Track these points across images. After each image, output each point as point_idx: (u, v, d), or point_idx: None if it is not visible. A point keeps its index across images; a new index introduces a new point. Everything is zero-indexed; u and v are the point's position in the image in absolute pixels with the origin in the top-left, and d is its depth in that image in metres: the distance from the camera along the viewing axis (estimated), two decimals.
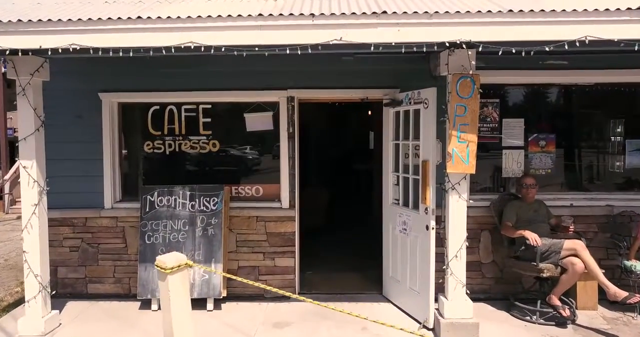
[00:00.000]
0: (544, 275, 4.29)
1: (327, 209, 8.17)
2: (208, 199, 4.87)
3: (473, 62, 3.81)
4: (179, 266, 3.38)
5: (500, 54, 3.58)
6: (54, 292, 4.49)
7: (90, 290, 5.22)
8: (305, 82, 5.06)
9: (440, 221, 4.28)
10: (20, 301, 5.11)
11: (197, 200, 4.88)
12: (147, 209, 4.90)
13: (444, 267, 4.17)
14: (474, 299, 4.28)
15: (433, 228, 4.20)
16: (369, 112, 10.59)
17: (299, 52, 3.63)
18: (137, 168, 5.42)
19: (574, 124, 5.30)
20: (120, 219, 5.17)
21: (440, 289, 4.31)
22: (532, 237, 4.29)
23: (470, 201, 4.21)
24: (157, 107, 5.28)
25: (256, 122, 5.22)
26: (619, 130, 5.22)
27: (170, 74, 5.08)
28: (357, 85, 5.05)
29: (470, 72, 3.85)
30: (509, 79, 5.04)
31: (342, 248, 6.96)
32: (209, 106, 5.26)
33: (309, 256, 5.79)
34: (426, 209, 4.25)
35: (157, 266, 3.37)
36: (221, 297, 4.77)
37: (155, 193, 4.92)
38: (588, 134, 5.32)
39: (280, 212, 5.13)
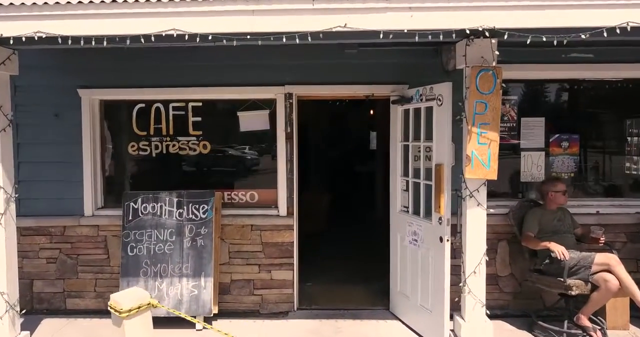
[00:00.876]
0: (573, 293, 3.82)
1: (327, 213, 7.71)
2: (197, 206, 4.41)
3: (496, 53, 3.35)
4: (139, 307, 2.70)
5: (528, 43, 3.12)
6: (24, 311, 4.04)
7: (69, 305, 4.75)
8: (304, 78, 4.60)
9: (456, 231, 3.83)
10: None
11: (185, 207, 4.42)
12: (130, 218, 4.44)
13: (461, 284, 3.71)
14: (491, 316, 3.82)
15: (448, 240, 3.75)
16: (371, 112, 10.17)
17: (297, 41, 3.17)
18: (121, 172, 4.96)
19: (599, 124, 4.83)
20: (102, 228, 4.71)
21: (455, 306, 3.85)
22: (559, 250, 3.83)
23: (488, 209, 3.75)
24: (143, 105, 4.81)
25: (251, 121, 4.76)
26: None
27: (157, 68, 4.63)
28: (361, 80, 4.59)
29: (493, 65, 3.39)
30: (529, 74, 4.58)
31: (344, 256, 6.49)
32: (199, 104, 4.80)
33: (308, 264, 5.33)
34: (440, 218, 3.79)
35: (111, 307, 2.70)
36: (212, 314, 4.31)
37: (139, 200, 4.46)
38: (615, 134, 4.84)
39: (278, 220, 4.67)
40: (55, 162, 4.71)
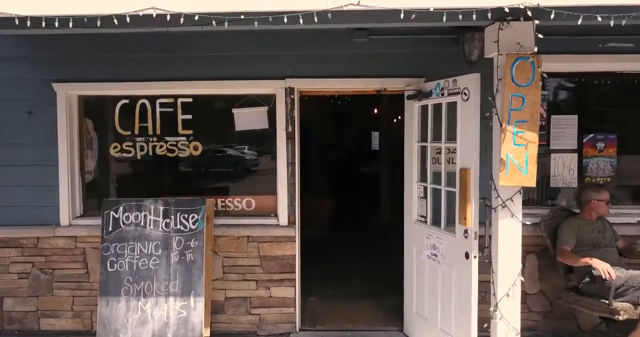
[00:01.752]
0: (620, 317, 3.30)
1: (330, 219, 7.19)
2: (186, 215, 3.89)
3: (540, 35, 2.81)
4: None
5: (579, 23, 2.60)
6: None
7: (43, 326, 4.22)
8: (307, 70, 4.08)
9: (484, 246, 3.30)
10: None
11: (172, 217, 3.89)
12: (110, 229, 3.91)
13: (491, 308, 3.18)
14: None
15: (475, 257, 3.23)
16: (376, 110, 9.64)
17: (301, 22, 2.65)
18: (102, 176, 4.43)
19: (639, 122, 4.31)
20: (80, 239, 4.18)
21: (480, 328, 3.33)
22: (603, 269, 3.31)
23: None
24: (126, 100, 4.28)
25: (247, 119, 4.24)
26: None
27: (142, 60, 4.11)
28: (372, 73, 4.07)
29: (535, 51, 2.86)
30: (560, 66, 4.02)
31: (349, 267, 5.96)
32: (190, 100, 4.27)
33: (310, 276, 4.82)
34: (466, 231, 3.27)
35: None
36: None
37: (121, 208, 3.93)
38: None
39: (277, 230, 4.14)
40: (27, 166, 4.19)
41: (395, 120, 8.32)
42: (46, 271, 4.20)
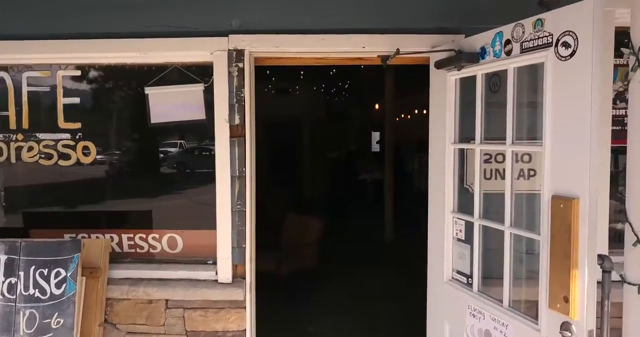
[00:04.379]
0: None
1: (318, 244, 5.41)
2: (46, 270, 2.21)
3: None
4: None
5: None
6: None
7: None
8: (265, 20, 2.42)
9: None
10: None
11: (21, 273, 2.22)
12: None
13: None
14: None
15: None
16: (377, 107, 7.96)
17: None
18: None
19: None
20: None
21: None
22: None
23: None
24: None
25: (170, 105, 2.60)
26: None
27: None
28: (375, 25, 2.41)
29: None
30: None
31: (344, 319, 4.23)
32: (77, 73, 2.62)
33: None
34: (567, 327, 1.59)
35: None
36: None
37: None
38: None
39: (215, 291, 2.46)
40: None
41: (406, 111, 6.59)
42: None
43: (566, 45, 1.61)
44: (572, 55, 1.59)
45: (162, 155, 2.71)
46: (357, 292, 4.66)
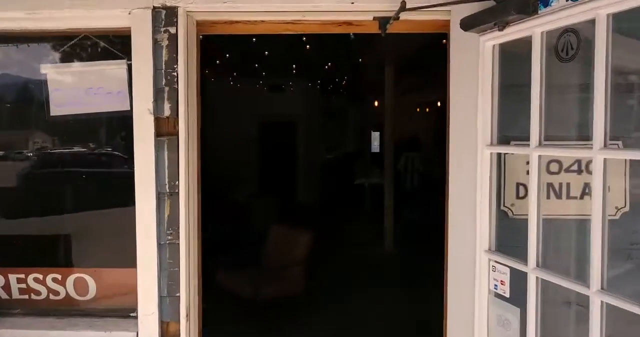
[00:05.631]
0: None
1: (306, 264, 4.53)
2: None
3: None
4: None
5: None
6: None
7: None
8: None
9: None
10: None
11: None
12: None
13: None
14: None
15: None
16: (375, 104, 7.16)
17: None
18: None
19: None
20: None
21: None
22: None
23: None
24: None
25: (78, 90, 1.81)
26: None
27: None
28: None
29: None
30: None
31: None
32: None
33: None
34: None
35: None
36: None
37: None
38: None
39: None
40: None
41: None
42: None
43: None
44: None
45: (67, 160, 1.92)
46: (349, 324, 3.84)
